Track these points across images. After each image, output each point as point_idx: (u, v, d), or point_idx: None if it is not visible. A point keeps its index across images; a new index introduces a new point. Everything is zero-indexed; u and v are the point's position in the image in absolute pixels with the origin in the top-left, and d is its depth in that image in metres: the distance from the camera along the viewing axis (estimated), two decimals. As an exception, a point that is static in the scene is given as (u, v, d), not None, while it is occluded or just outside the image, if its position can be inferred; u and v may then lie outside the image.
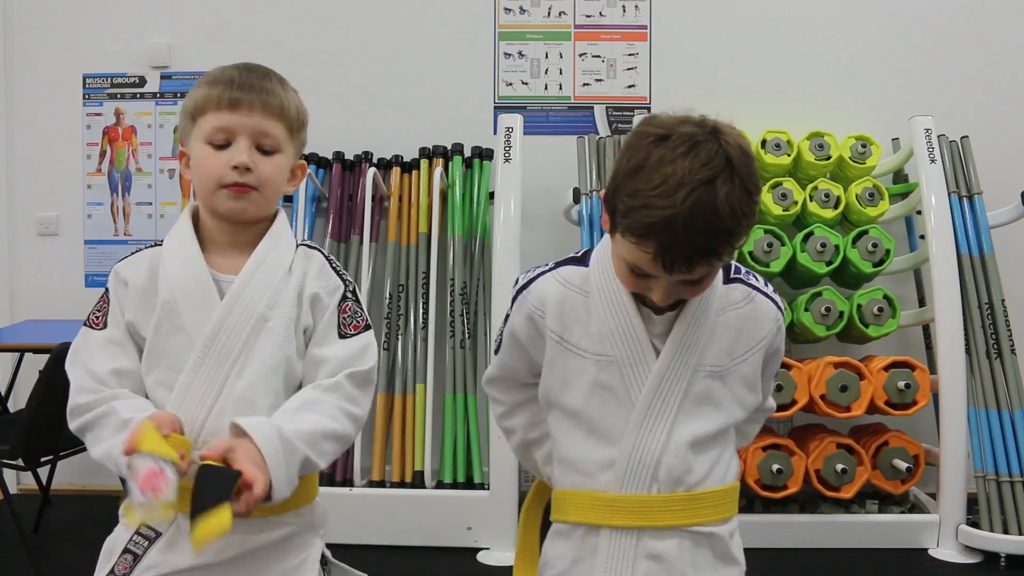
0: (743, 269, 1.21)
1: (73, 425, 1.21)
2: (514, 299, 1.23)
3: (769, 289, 1.21)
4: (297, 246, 1.29)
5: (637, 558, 1.13)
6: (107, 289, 1.27)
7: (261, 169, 1.22)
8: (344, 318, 1.26)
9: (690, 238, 0.99)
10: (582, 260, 1.21)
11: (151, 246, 1.28)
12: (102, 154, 3.60)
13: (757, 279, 1.20)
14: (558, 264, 1.22)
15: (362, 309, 1.29)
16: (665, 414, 1.13)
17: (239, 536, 1.16)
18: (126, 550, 1.19)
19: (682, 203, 0.98)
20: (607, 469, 1.14)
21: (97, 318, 1.25)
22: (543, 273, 1.22)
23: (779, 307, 1.20)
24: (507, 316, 1.25)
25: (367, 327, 1.28)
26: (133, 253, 1.28)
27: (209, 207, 1.25)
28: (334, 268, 1.29)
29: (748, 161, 1.03)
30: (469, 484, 3.01)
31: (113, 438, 1.14)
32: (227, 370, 1.19)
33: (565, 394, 1.19)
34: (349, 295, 1.28)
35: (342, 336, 1.25)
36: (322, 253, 1.30)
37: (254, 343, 1.20)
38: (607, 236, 1.15)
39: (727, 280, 1.18)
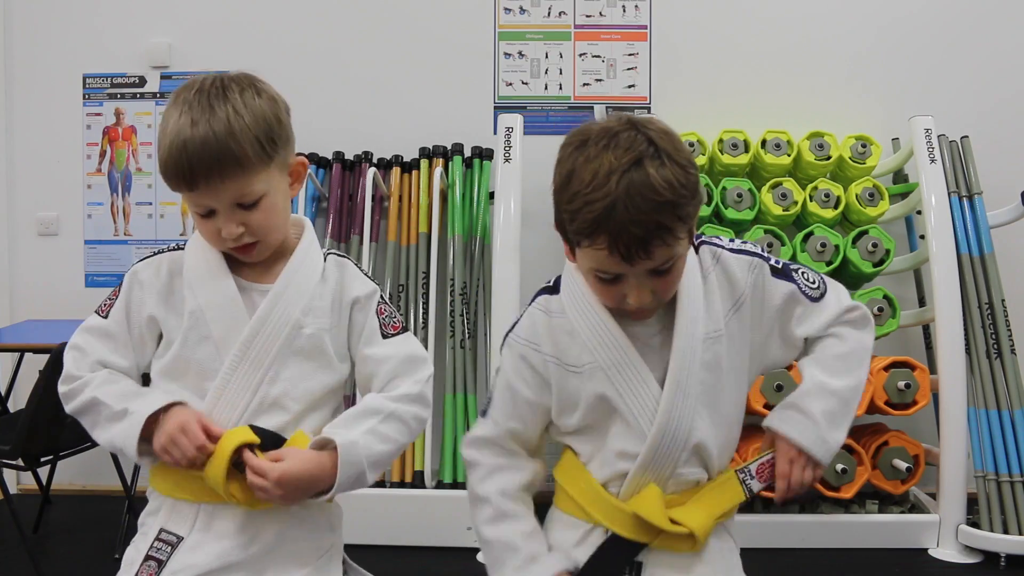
0: (704, 235, 1.21)
1: (67, 409, 1.24)
2: (502, 349, 1.24)
3: (736, 244, 1.20)
4: (327, 255, 1.31)
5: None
6: (121, 284, 1.28)
7: (252, 223, 1.19)
8: (383, 319, 1.30)
9: (635, 218, 1.01)
10: (553, 288, 1.22)
11: (172, 248, 1.28)
12: (102, 154, 3.59)
13: (721, 239, 1.21)
14: (534, 298, 1.23)
15: (395, 310, 1.33)
16: (691, 388, 1.12)
17: (256, 525, 1.20)
18: (148, 556, 1.20)
19: (616, 187, 1.01)
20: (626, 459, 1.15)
21: (103, 307, 1.27)
22: (522, 315, 1.23)
23: (751, 254, 1.18)
24: (498, 369, 1.24)
25: (404, 328, 1.32)
26: (154, 254, 1.29)
27: None
28: (365, 274, 1.33)
29: (672, 139, 1.06)
30: (469, 484, 3.01)
31: (112, 428, 1.19)
32: (261, 375, 1.21)
33: (566, 419, 1.19)
34: (381, 298, 1.32)
35: (385, 336, 1.29)
36: (351, 261, 1.33)
37: (289, 349, 1.22)
38: (569, 262, 1.18)
39: (696, 250, 1.18)
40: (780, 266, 1.19)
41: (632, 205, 1.00)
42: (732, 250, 1.18)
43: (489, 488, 1.20)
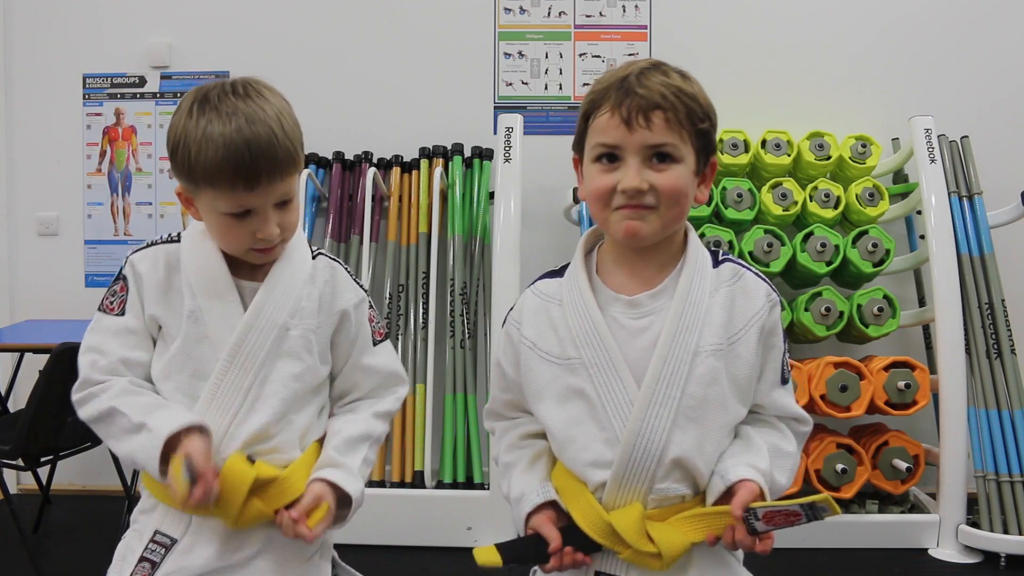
0: (731, 255, 1.21)
1: (81, 415, 1.20)
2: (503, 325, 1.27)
3: (757, 270, 1.20)
4: (315, 255, 1.31)
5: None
6: (124, 276, 1.25)
7: (285, 222, 1.21)
8: (373, 326, 1.34)
9: (643, 82, 1.09)
10: (559, 272, 1.23)
11: (166, 240, 1.27)
12: (102, 154, 3.60)
13: (746, 264, 1.20)
14: (537, 279, 1.25)
15: (378, 314, 1.37)
16: (670, 399, 1.09)
17: (244, 530, 1.20)
18: (143, 558, 1.20)
19: (632, 66, 1.12)
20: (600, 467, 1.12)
21: (112, 304, 1.24)
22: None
23: (771, 287, 1.18)
24: None
25: (386, 333, 1.38)
26: (148, 245, 1.27)
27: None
28: (354, 280, 1.34)
29: (684, 74, 1.15)
30: (469, 484, 3.01)
31: (129, 441, 1.16)
32: (251, 379, 1.20)
33: (538, 407, 1.18)
34: (370, 304, 1.34)
35: (375, 343, 1.34)
36: (341, 265, 1.33)
37: (276, 352, 1.22)
38: (579, 248, 1.21)
39: (716, 264, 1.17)
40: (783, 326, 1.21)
41: (644, 74, 1.10)
42: (756, 274, 1.18)
43: (500, 447, 1.28)
